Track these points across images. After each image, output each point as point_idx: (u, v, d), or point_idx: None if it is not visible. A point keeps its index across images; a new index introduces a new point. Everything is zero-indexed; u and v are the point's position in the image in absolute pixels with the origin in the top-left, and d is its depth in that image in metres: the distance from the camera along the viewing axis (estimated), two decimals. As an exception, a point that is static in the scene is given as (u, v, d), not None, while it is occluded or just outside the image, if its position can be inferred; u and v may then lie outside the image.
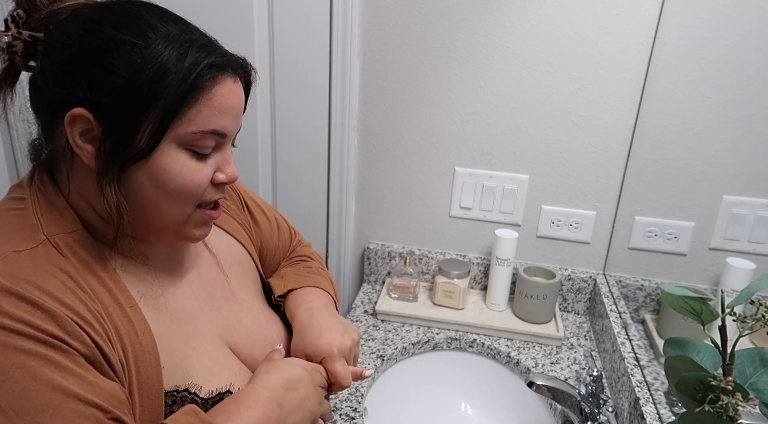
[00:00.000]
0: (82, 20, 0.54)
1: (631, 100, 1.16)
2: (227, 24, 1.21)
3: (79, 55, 0.52)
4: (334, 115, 1.26)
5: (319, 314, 0.74)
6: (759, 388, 0.55)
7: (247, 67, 0.61)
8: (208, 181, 0.58)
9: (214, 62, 0.55)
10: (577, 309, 1.32)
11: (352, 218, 1.37)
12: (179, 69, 0.52)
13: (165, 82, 0.52)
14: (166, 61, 0.52)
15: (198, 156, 0.57)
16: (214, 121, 0.55)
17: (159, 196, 0.56)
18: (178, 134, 0.54)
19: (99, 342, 0.52)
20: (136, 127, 0.52)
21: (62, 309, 0.50)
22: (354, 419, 0.95)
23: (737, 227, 0.86)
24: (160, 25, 0.53)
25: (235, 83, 0.58)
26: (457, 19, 1.17)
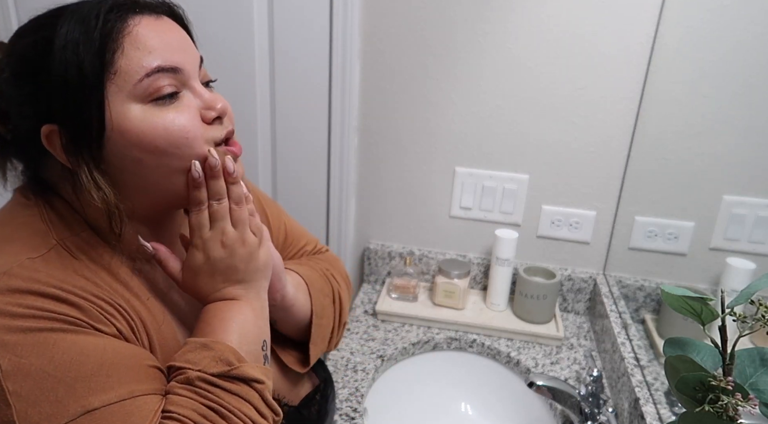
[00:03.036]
0: (4, 51, 0.55)
1: (631, 100, 1.16)
2: (227, 24, 1.21)
3: (12, 79, 0.53)
4: (334, 115, 1.26)
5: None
6: (759, 388, 0.55)
7: (167, 5, 0.59)
8: (195, 122, 0.56)
9: (114, 5, 0.53)
10: (577, 309, 1.32)
11: (352, 218, 1.37)
12: (83, 30, 0.51)
13: (78, 50, 0.51)
14: (72, 33, 0.51)
15: (164, 103, 0.54)
16: (152, 59, 0.53)
17: (160, 158, 0.55)
18: (127, 91, 0.52)
19: (124, 332, 0.54)
20: (80, 109, 0.52)
21: (85, 302, 0.51)
22: (354, 419, 0.95)
23: (737, 227, 0.86)
24: (61, 10, 0.53)
25: (158, 19, 0.56)
26: (457, 19, 1.17)
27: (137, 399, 0.50)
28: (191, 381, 0.52)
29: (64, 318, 0.49)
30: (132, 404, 0.49)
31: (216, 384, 0.52)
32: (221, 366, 0.53)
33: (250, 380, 0.54)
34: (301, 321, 0.76)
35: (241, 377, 0.54)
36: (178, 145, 0.55)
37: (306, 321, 0.76)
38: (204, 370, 0.52)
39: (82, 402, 0.47)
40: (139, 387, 0.51)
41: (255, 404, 0.54)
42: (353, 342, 1.17)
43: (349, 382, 1.04)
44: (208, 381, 0.52)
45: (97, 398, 0.48)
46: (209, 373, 0.52)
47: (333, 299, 0.82)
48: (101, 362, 0.49)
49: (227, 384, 0.53)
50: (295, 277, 0.76)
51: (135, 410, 0.49)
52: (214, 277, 0.59)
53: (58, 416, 0.46)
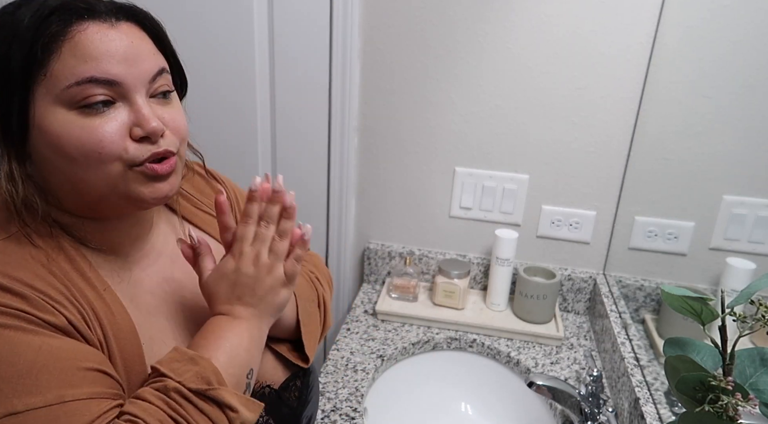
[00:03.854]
0: None
1: (631, 100, 1.16)
2: (227, 24, 1.21)
3: None
4: (334, 115, 1.26)
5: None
6: (759, 388, 0.55)
7: (130, 10, 0.56)
8: (115, 137, 0.53)
9: (63, 6, 0.51)
10: (577, 309, 1.32)
11: (352, 218, 1.37)
12: (24, 27, 0.50)
13: (13, 46, 0.50)
14: (17, 27, 0.50)
15: (91, 113, 0.52)
16: (87, 69, 0.51)
17: (69, 164, 0.53)
18: (54, 95, 0.51)
19: (74, 322, 0.53)
20: (6, 102, 0.51)
21: (32, 292, 0.51)
22: (354, 419, 0.95)
23: (737, 227, 0.86)
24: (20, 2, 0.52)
25: (111, 28, 0.53)
26: (457, 19, 1.17)
27: (67, 405, 0.48)
28: (167, 391, 0.52)
29: (4, 310, 0.49)
30: (59, 409, 0.48)
31: (189, 399, 0.52)
32: (200, 383, 0.53)
33: (225, 405, 0.54)
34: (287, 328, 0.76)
35: (217, 399, 0.53)
36: (89, 157, 0.53)
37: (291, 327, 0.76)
38: (183, 383, 0.52)
39: (5, 404, 0.46)
40: (70, 392, 0.49)
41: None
42: (353, 342, 1.17)
43: (349, 382, 1.04)
44: (183, 395, 0.52)
45: (21, 401, 0.47)
46: (187, 387, 0.52)
47: (318, 303, 0.83)
48: (32, 363, 0.48)
49: (200, 403, 0.53)
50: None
51: (62, 415, 0.48)
52: (234, 288, 0.61)
53: None
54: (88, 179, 0.54)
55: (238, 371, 0.58)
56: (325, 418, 0.95)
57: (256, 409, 0.57)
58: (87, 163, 0.53)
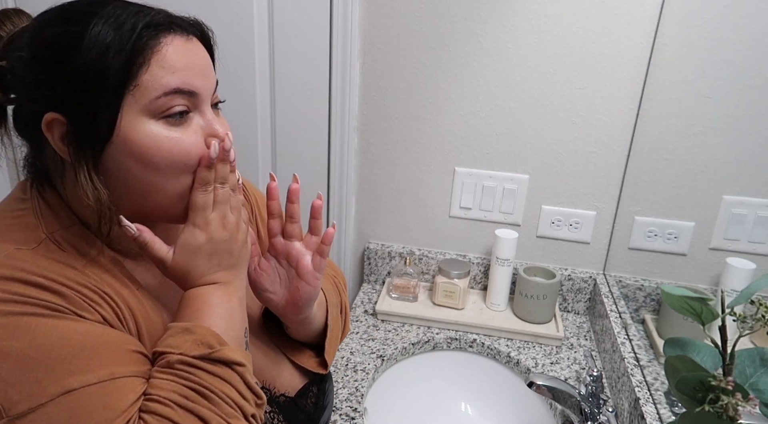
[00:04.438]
0: (28, 31, 0.55)
1: (631, 100, 1.16)
2: (227, 24, 1.21)
3: (30, 62, 0.53)
4: (334, 115, 1.26)
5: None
6: (759, 388, 0.55)
7: (199, 25, 0.61)
8: (200, 148, 0.57)
9: (152, 22, 0.54)
10: (577, 309, 1.32)
11: (352, 218, 1.37)
12: (116, 38, 0.52)
13: (107, 56, 0.51)
14: (104, 37, 0.52)
15: (173, 123, 0.55)
16: (173, 80, 0.54)
17: (151, 173, 0.55)
18: (142, 105, 0.53)
19: (108, 319, 0.54)
20: (94, 111, 0.52)
21: (69, 290, 0.52)
22: (354, 419, 0.95)
23: (737, 227, 0.86)
24: (95, 8, 0.54)
25: (188, 41, 0.57)
26: (457, 19, 1.17)
27: (117, 381, 0.50)
28: (171, 364, 0.53)
29: (46, 304, 0.50)
30: (111, 385, 0.50)
31: (197, 366, 0.53)
32: (202, 349, 0.53)
33: (232, 362, 0.54)
34: (314, 331, 0.77)
35: (222, 359, 0.54)
36: (174, 166, 0.56)
37: (318, 330, 0.78)
38: (185, 353, 0.53)
39: (61, 383, 0.48)
40: (119, 369, 0.51)
41: (236, 386, 0.54)
42: (353, 342, 1.17)
43: (349, 382, 1.04)
44: (188, 363, 0.53)
45: (76, 379, 0.49)
46: (190, 355, 0.53)
47: (341, 309, 0.84)
48: (82, 345, 0.50)
49: (208, 366, 0.53)
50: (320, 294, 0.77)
51: (114, 390, 0.50)
52: (211, 258, 0.59)
53: (37, 396, 0.47)
54: (164, 188, 0.57)
55: (238, 333, 0.59)
56: (325, 418, 0.95)
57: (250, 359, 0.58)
58: (171, 172, 0.56)
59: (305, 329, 0.76)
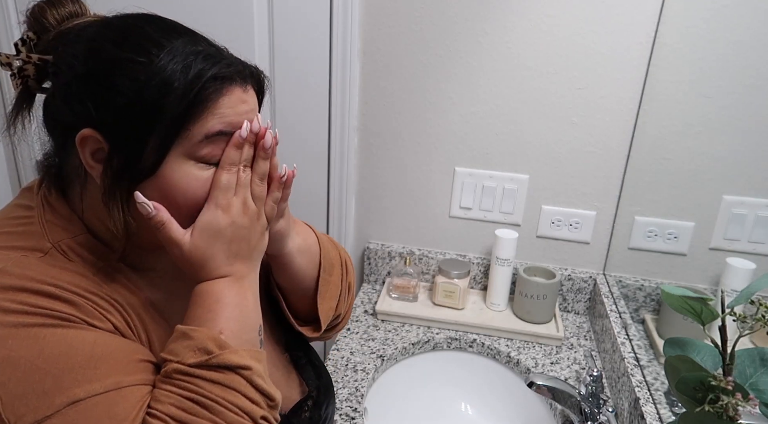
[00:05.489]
0: (86, 40, 0.54)
1: (631, 100, 1.16)
2: (227, 24, 1.21)
3: (83, 77, 0.52)
4: (334, 115, 1.26)
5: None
6: (759, 388, 0.55)
7: (258, 75, 0.60)
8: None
9: (219, 74, 0.54)
10: (577, 309, 1.32)
11: (352, 218, 1.37)
12: (182, 83, 0.51)
13: (169, 98, 0.51)
14: (170, 77, 0.51)
15: (203, 167, 0.55)
16: (218, 124, 0.54)
17: (172, 211, 0.55)
18: (185, 147, 0.53)
19: (119, 327, 0.54)
20: (141, 145, 0.52)
21: (79, 298, 0.52)
22: (354, 419, 0.95)
23: (737, 227, 0.86)
24: (163, 40, 0.53)
25: (245, 92, 0.57)
26: (457, 19, 1.17)
27: (123, 390, 0.49)
28: (170, 374, 0.51)
29: (56, 314, 0.49)
30: (117, 395, 0.49)
31: (194, 374, 0.50)
32: (199, 356, 0.51)
33: (235, 367, 0.52)
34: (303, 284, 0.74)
35: (223, 364, 0.51)
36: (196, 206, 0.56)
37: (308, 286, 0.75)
38: (182, 361, 0.51)
39: (68, 394, 0.47)
40: (126, 378, 0.50)
41: (242, 390, 0.52)
42: (353, 342, 1.17)
43: (349, 382, 1.04)
44: (185, 373, 0.51)
45: (83, 389, 0.48)
46: (186, 364, 0.51)
47: (341, 262, 0.82)
48: (90, 355, 0.49)
49: (208, 373, 0.51)
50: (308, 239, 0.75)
51: (120, 400, 0.49)
52: (231, 245, 0.56)
53: (43, 408, 0.46)
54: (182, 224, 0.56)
55: (252, 335, 0.56)
56: (325, 418, 0.95)
57: (263, 358, 0.55)
58: (191, 212, 0.56)
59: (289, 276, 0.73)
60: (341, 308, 0.81)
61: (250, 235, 0.57)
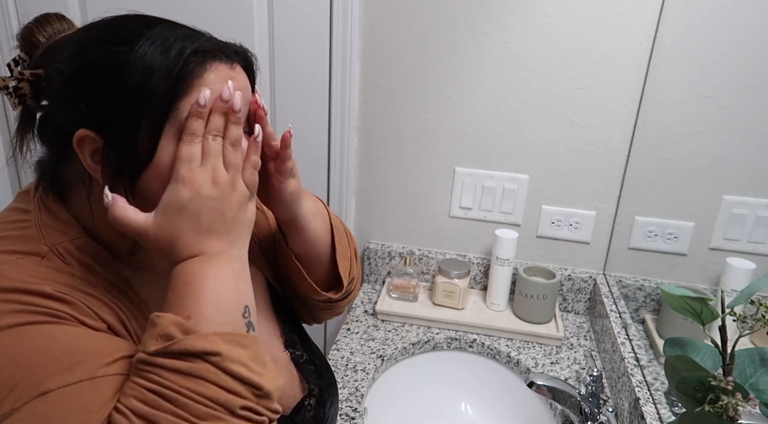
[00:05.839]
0: (71, 45, 0.54)
1: (631, 100, 1.16)
2: (227, 24, 1.21)
3: (72, 78, 0.52)
4: (334, 115, 1.26)
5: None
6: (759, 388, 0.55)
7: (244, 52, 0.59)
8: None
9: (200, 48, 0.53)
10: (577, 309, 1.32)
11: (352, 218, 1.37)
12: (164, 63, 0.51)
13: (152, 80, 0.51)
14: (151, 59, 0.51)
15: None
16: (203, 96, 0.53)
17: None
18: (178, 129, 0.52)
19: (114, 326, 0.53)
20: (134, 134, 0.51)
21: (73, 298, 0.51)
22: (354, 419, 0.95)
23: (737, 227, 0.86)
24: (143, 29, 0.53)
25: (232, 69, 0.55)
26: (457, 19, 1.17)
27: (96, 381, 0.47)
28: (136, 364, 0.48)
29: (47, 311, 0.49)
30: (90, 386, 0.47)
31: (155, 363, 0.46)
32: (160, 342, 0.47)
33: (200, 353, 0.47)
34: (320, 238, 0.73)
35: (186, 351, 0.46)
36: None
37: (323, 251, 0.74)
38: (145, 349, 0.47)
39: (38, 386, 0.46)
40: (101, 370, 0.47)
41: (213, 379, 0.47)
42: (353, 342, 1.17)
43: (349, 382, 1.04)
44: (146, 362, 0.47)
45: (54, 380, 0.46)
46: (147, 352, 0.47)
47: (344, 228, 0.82)
48: (69, 348, 0.47)
49: (169, 362, 0.46)
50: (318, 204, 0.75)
51: (92, 391, 0.46)
52: (200, 220, 0.52)
53: (11, 401, 0.45)
54: None
55: (231, 317, 0.51)
56: (325, 418, 0.95)
57: (249, 343, 0.50)
58: None
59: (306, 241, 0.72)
60: (353, 271, 0.81)
61: (223, 207, 0.53)
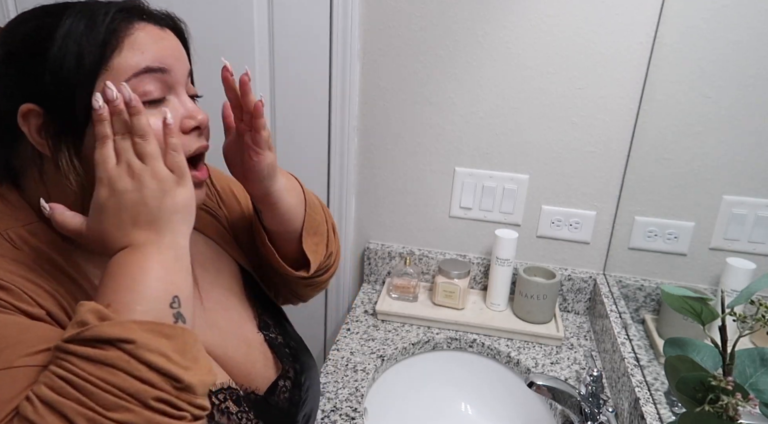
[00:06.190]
0: (2, 32, 0.56)
1: (631, 100, 1.16)
2: (227, 24, 1.21)
3: (5, 58, 0.54)
4: (334, 115, 1.26)
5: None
6: (759, 388, 0.55)
7: (172, 18, 0.61)
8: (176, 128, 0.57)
9: (125, 6, 0.55)
10: (577, 309, 1.32)
11: (352, 218, 1.37)
12: (90, 25, 0.53)
13: (81, 43, 0.52)
14: (78, 25, 0.53)
15: (148, 106, 0.55)
16: (142, 59, 0.55)
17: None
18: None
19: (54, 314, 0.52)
20: (71, 97, 0.53)
21: (12, 285, 0.50)
22: (354, 419, 0.95)
23: (737, 227, 0.86)
24: (69, 3, 0.55)
25: (162, 30, 0.58)
26: (457, 19, 1.17)
27: (13, 371, 0.45)
28: (54, 352, 0.46)
29: None
30: (6, 375, 0.45)
31: (68, 350, 0.45)
32: (74, 329, 0.45)
33: (113, 340, 0.44)
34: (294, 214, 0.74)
35: (98, 338, 0.45)
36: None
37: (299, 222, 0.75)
38: (62, 338, 0.46)
39: None
40: (21, 360, 0.46)
41: (125, 368, 0.44)
42: (353, 342, 1.17)
43: (349, 382, 1.04)
44: (60, 349, 0.45)
45: None
46: (63, 339, 0.45)
47: (320, 204, 0.82)
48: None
49: (81, 349, 0.44)
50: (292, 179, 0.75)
51: (8, 381, 0.45)
52: (120, 215, 0.52)
53: None
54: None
55: (154, 306, 0.49)
56: (325, 418, 0.95)
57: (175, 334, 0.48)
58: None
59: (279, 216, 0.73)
60: (331, 246, 0.82)
61: (144, 197, 0.52)
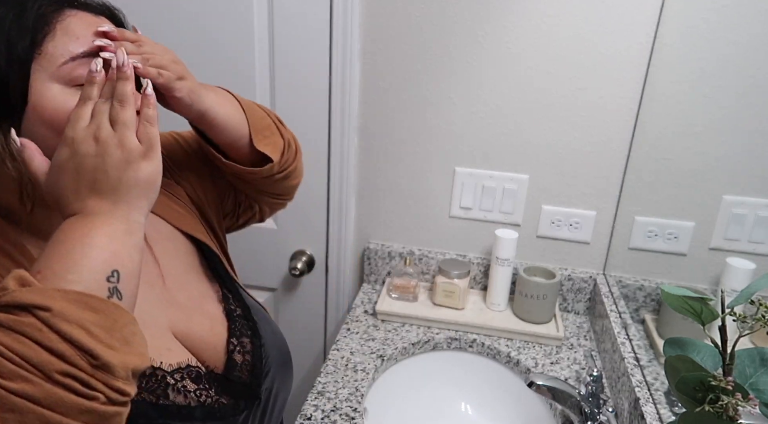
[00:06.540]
0: None
1: (631, 100, 1.16)
2: (227, 24, 1.21)
3: None
4: (334, 115, 1.26)
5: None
6: (759, 388, 0.55)
7: (107, 6, 0.61)
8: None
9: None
10: (577, 309, 1.32)
11: (352, 218, 1.37)
12: (19, 14, 0.53)
13: (12, 32, 0.52)
14: (7, 14, 0.53)
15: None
16: (78, 45, 0.55)
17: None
18: (50, 72, 0.54)
19: None
20: (5, 83, 0.53)
21: None
22: (354, 419, 0.95)
23: (737, 227, 0.86)
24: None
25: (96, 17, 0.58)
26: (456, 19, 1.17)
27: None
28: None
29: None
30: None
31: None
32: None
33: (28, 306, 0.41)
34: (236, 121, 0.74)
35: (12, 303, 0.42)
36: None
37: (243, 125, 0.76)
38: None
39: None
40: None
41: (35, 337, 0.41)
42: (353, 342, 1.17)
43: (349, 382, 1.04)
44: None
45: None
46: None
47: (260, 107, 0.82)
48: None
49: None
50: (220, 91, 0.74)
51: None
52: (78, 179, 0.50)
53: None
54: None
55: (87, 276, 0.46)
56: (325, 418, 0.95)
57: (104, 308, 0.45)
58: None
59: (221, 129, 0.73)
60: (285, 134, 0.83)
61: (105, 164, 0.50)
